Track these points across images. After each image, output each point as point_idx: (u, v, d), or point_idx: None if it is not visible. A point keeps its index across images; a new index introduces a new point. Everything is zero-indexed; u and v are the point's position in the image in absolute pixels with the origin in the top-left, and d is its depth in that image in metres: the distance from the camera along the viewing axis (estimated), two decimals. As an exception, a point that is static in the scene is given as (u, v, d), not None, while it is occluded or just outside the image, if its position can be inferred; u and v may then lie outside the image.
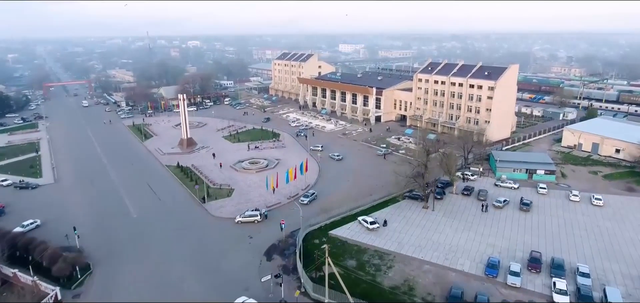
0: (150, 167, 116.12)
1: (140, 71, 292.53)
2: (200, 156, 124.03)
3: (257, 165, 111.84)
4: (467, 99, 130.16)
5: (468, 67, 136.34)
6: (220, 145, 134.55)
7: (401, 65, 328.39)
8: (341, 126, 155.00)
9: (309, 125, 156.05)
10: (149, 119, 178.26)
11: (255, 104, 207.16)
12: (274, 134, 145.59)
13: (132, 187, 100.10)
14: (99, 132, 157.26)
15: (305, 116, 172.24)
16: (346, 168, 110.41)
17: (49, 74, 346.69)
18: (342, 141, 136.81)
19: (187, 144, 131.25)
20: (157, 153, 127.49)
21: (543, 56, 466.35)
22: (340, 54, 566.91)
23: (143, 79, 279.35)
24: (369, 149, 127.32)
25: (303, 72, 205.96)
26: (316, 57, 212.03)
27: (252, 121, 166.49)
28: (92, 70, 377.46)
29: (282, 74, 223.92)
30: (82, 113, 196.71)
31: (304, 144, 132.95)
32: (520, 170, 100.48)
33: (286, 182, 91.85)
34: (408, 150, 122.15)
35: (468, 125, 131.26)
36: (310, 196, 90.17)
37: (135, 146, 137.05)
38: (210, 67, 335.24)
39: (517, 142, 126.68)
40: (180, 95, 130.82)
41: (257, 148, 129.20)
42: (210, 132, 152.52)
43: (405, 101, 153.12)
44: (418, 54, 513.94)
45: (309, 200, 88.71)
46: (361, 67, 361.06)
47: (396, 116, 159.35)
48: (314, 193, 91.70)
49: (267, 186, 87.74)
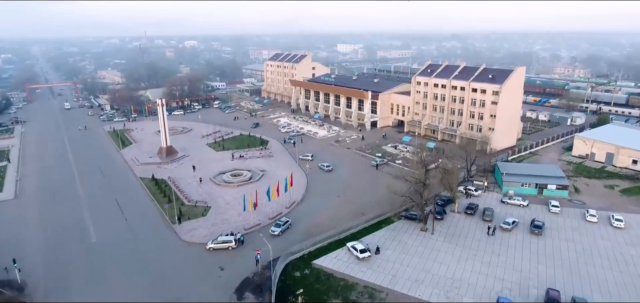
0: (123, 179, 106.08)
1: (129, 72, 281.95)
2: (180, 167, 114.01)
3: (240, 178, 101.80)
4: (470, 104, 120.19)
5: (470, 70, 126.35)
6: (203, 154, 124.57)
7: (399, 65, 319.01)
8: (334, 132, 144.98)
9: (299, 131, 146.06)
10: (132, 124, 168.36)
11: (245, 107, 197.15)
12: (261, 140, 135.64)
13: (97, 205, 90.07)
14: (76, 138, 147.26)
15: (296, 121, 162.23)
16: (337, 181, 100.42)
17: (36, 75, 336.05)
18: (334, 149, 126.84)
19: (167, 153, 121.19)
20: (133, 163, 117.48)
21: (545, 56, 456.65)
22: (338, 54, 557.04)
23: (131, 80, 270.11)
24: (362, 158, 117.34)
25: (296, 74, 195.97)
26: (310, 58, 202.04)
27: (241, 126, 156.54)
28: (83, 71, 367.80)
29: (275, 75, 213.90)
30: (63, 116, 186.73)
31: (293, 152, 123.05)
32: (530, 185, 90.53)
33: (268, 200, 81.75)
34: (405, 160, 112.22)
35: (470, 132, 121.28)
36: (282, 225, 75.86)
37: (111, 155, 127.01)
38: (203, 68, 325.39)
39: (524, 151, 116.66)
40: (158, 100, 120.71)
41: (242, 157, 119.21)
42: (194, 139, 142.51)
43: (403, 106, 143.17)
44: (417, 54, 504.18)
45: (281, 229, 74.75)
46: (359, 68, 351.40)
47: (393, 122, 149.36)
48: (287, 221, 77.42)
49: (245, 206, 77.56)
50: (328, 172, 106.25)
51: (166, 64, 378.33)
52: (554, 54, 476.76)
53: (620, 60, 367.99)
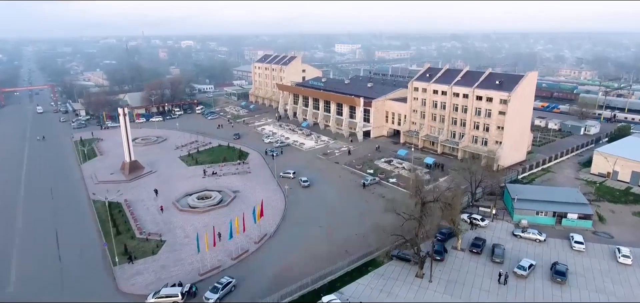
0: (74, 202, 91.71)
1: (112, 74, 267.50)
2: (143, 185, 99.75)
3: (207, 202, 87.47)
4: (474, 113, 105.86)
5: (474, 75, 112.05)
6: (173, 169, 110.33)
7: (397, 67, 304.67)
8: (323, 143, 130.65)
9: (284, 142, 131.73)
10: (104, 133, 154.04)
11: (230, 112, 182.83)
12: (241, 153, 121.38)
13: (33, 237, 75.82)
14: (37, 149, 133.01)
15: (283, 129, 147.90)
16: (320, 205, 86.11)
17: (15, 78, 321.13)
18: (321, 164, 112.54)
19: (130, 169, 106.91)
20: (91, 182, 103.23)
21: (549, 57, 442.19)
22: (335, 54, 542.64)
23: (115, 82, 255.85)
24: (352, 175, 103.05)
25: (284, 77, 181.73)
26: (299, 60, 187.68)
27: (223, 135, 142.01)
28: (69, 73, 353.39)
29: (263, 78, 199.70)
30: (33, 123, 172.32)
31: (274, 166, 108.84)
32: (546, 213, 76.27)
33: (229, 238, 67.37)
34: (400, 178, 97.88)
35: (474, 146, 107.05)
36: (222, 288, 56.76)
37: (70, 170, 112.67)
38: (191, 69, 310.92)
39: (536, 167, 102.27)
40: (120, 109, 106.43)
41: (215, 174, 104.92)
42: (167, 151, 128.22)
43: (399, 114, 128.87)
44: (417, 55, 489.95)
45: (218, 297, 55.71)
46: (355, 69, 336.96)
47: (388, 131, 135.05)
48: (230, 282, 58.23)
49: (198, 247, 63.04)
50: (310, 193, 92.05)
51: (154, 65, 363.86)
52: (558, 55, 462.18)
53: (628, 61, 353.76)
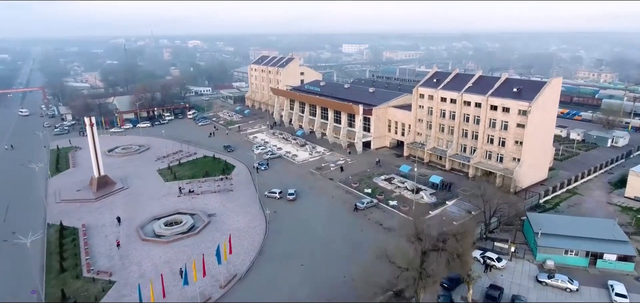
0: (27, 226, 80.00)
1: (106, 76, 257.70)
2: (109, 205, 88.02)
3: (175, 229, 75.27)
4: (488, 125, 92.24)
5: (488, 81, 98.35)
6: (147, 185, 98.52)
7: (405, 68, 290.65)
8: (318, 155, 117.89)
9: (275, 153, 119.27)
10: (84, 140, 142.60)
11: (224, 118, 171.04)
12: (226, 166, 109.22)
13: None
14: (6, 158, 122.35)
15: (276, 138, 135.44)
16: (305, 234, 73.47)
17: (11, 78, 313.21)
18: (313, 180, 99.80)
19: (98, 185, 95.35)
20: (53, 199, 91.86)
21: (564, 58, 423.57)
22: (342, 54, 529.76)
23: (109, 84, 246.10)
24: (347, 195, 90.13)
25: (281, 80, 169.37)
26: (297, 62, 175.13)
27: (213, 145, 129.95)
28: (70, 73, 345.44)
29: (259, 81, 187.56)
30: (15, 127, 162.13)
31: (262, 183, 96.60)
32: (577, 253, 62.65)
33: (184, 285, 54.87)
34: (402, 200, 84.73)
35: (488, 162, 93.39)
36: None
37: (35, 184, 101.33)
38: (191, 71, 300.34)
39: (560, 188, 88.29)
40: (87, 119, 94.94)
41: (192, 192, 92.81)
42: (146, 162, 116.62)
43: (403, 123, 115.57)
44: (426, 55, 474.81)
45: None
46: (361, 71, 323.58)
47: (391, 142, 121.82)
48: None
49: (140, 298, 50.43)
50: (296, 216, 79.45)
51: (154, 66, 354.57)
52: (574, 56, 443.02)
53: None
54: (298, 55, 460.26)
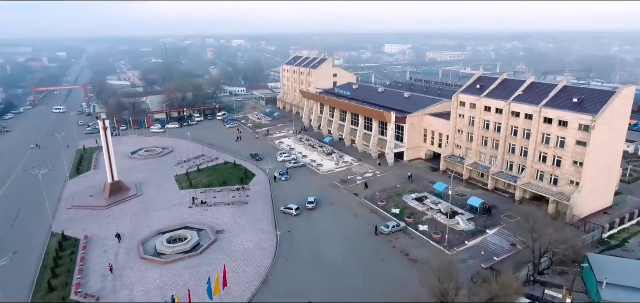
0: (31, 234, 76.66)
1: (145, 74, 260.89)
2: (118, 214, 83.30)
3: (177, 247, 68.67)
4: (540, 140, 78.93)
5: (542, 88, 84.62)
6: (160, 193, 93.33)
7: (448, 70, 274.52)
8: (345, 165, 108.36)
9: (299, 161, 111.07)
10: (113, 139, 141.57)
11: (253, 120, 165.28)
12: (245, 174, 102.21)
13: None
14: (35, 157, 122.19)
15: (302, 144, 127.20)
16: (318, 264, 64.42)
17: (60, 76, 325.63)
18: (336, 194, 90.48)
19: (111, 191, 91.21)
20: (65, 204, 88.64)
21: (628, 60, 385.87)
22: (383, 55, 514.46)
23: (147, 83, 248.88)
24: (371, 215, 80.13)
25: (312, 82, 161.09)
26: (330, 63, 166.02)
27: (238, 150, 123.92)
28: (116, 71, 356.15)
29: (290, 82, 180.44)
30: (51, 125, 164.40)
31: (280, 196, 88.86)
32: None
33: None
34: (434, 224, 73.65)
35: (539, 184, 80.00)
36: None
37: (51, 188, 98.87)
38: (229, 70, 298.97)
39: (628, 220, 73.57)
40: (100, 121, 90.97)
41: (204, 203, 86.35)
42: (166, 166, 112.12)
43: (441, 133, 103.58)
44: (472, 56, 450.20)
45: None
46: (401, 72, 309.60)
47: (426, 154, 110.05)
48: None
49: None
50: (311, 239, 70.56)
51: (195, 65, 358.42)
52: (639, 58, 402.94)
53: None
54: (338, 55, 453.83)
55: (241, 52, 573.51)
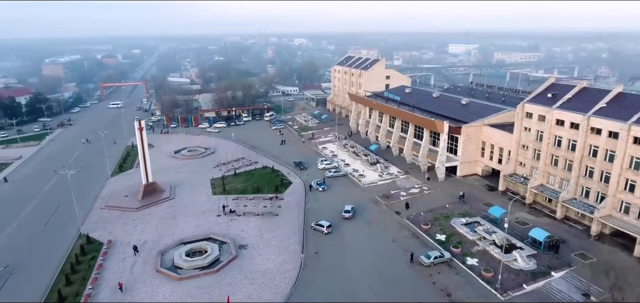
0: (60, 234, 76.13)
1: (203, 72, 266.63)
2: (148, 217, 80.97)
3: (194, 262, 63.97)
4: (628, 165, 64.26)
5: (632, 101, 69.32)
6: (193, 197, 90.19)
7: (517, 72, 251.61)
8: (389, 177, 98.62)
9: (340, 170, 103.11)
10: (161, 137, 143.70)
11: (300, 122, 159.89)
12: (281, 182, 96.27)
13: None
14: (87, 152, 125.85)
15: (346, 150, 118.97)
16: (342, 295, 56.23)
17: (127, 72, 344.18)
18: (375, 211, 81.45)
19: (144, 193, 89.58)
20: (100, 204, 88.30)
21: None
22: (447, 55, 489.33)
23: (205, 81, 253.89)
24: (412, 238, 70.28)
25: (363, 84, 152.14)
26: (383, 65, 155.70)
27: (281, 154, 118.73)
28: (180, 69, 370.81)
29: (341, 84, 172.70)
30: (110, 120, 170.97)
31: (312, 209, 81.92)
32: None
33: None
34: (484, 260, 62.31)
35: (623, 218, 65.24)
36: None
37: (92, 185, 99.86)
38: (284, 69, 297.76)
39: None
40: (136, 122, 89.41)
41: (233, 212, 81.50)
42: (205, 168, 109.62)
43: (502, 147, 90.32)
44: (546, 58, 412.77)
45: None
46: (464, 75, 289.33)
47: (483, 170, 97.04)
48: None
49: None
50: (338, 264, 62.49)
51: (253, 64, 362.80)
52: None
53: None
54: (397, 55, 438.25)
55: (301, 51, 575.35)
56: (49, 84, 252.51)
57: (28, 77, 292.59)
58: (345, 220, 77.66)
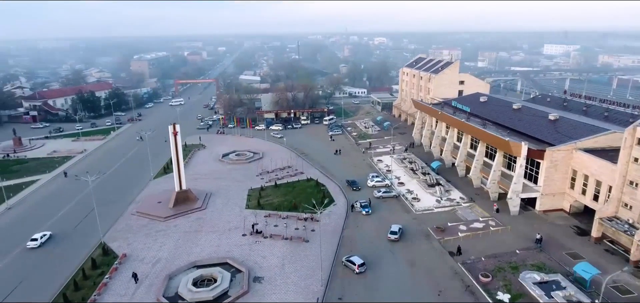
0: (85, 239, 73.32)
1: (272, 70, 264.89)
2: (172, 229, 75.36)
3: (197, 295, 55.75)
4: None
5: None
6: (225, 210, 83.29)
7: (626, 79, 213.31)
8: (449, 204, 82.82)
9: (391, 189, 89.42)
10: (216, 137, 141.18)
11: (360, 128, 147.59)
12: (322, 199, 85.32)
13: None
14: (140, 151, 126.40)
15: (403, 166, 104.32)
16: None
17: (203, 70, 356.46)
18: (422, 249, 67.09)
19: (176, 201, 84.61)
20: (132, 209, 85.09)
21: None
22: (541, 57, 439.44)
23: (270, 79, 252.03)
24: (465, 295, 55.23)
25: (432, 89, 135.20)
26: (456, 68, 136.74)
27: (333, 166, 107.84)
28: (257, 66, 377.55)
29: (409, 88, 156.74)
30: (173, 118, 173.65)
31: (348, 238, 70.32)
32: None
33: None
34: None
35: None
36: None
37: (133, 187, 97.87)
38: (358, 68, 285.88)
39: None
40: (170, 127, 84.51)
41: (260, 233, 72.58)
42: (248, 175, 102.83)
43: (600, 180, 69.95)
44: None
45: None
46: (560, 80, 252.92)
47: (572, 206, 76.87)
48: None
49: None
50: None
51: (327, 63, 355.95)
52: None
53: None
54: (482, 56, 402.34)
55: (379, 51, 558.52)
56: (134, 79, 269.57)
57: (120, 72, 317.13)
58: (390, 245, 64.91)
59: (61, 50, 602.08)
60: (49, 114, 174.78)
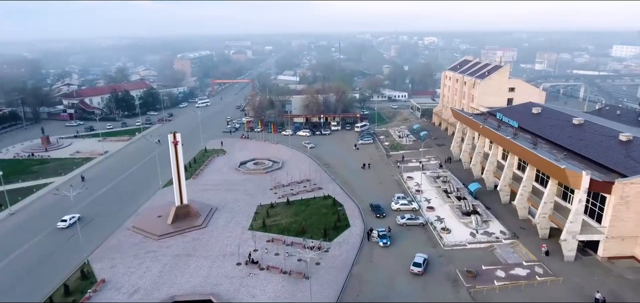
0: (71, 258, 67.26)
1: (309, 71, 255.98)
2: (162, 253, 67.64)
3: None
4: None
5: None
6: (225, 230, 74.67)
7: None
8: (486, 239, 68.75)
9: (417, 216, 76.46)
10: (239, 142, 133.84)
11: (393, 138, 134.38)
12: (337, 223, 74.30)
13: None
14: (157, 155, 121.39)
15: (435, 185, 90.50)
16: None
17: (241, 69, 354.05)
18: (448, 295, 54.22)
19: (174, 217, 77.09)
20: (131, 222, 78.62)
21: None
22: (609, 59, 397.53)
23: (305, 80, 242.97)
24: None
25: (476, 96, 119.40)
26: (506, 73, 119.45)
27: (358, 187, 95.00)
28: (300, 66, 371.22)
29: (451, 93, 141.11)
30: (203, 117, 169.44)
31: (358, 277, 59.04)
32: None
33: None
34: None
35: None
36: None
37: (139, 196, 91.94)
38: (401, 70, 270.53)
39: None
40: (170, 135, 76.85)
41: (256, 264, 62.87)
42: (260, 188, 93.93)
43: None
44: None
45: None
46: (632, 87, 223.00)
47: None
48: None
49: None
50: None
51: (369, 63, 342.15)
52: None
53: None
54: (540, 58, 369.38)
55: (428, 51, 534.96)
56: (175, 77, 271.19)
57: (165, 70, 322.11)
58: (407, 284, 52.73)
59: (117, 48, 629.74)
60: (85, 112, 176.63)
